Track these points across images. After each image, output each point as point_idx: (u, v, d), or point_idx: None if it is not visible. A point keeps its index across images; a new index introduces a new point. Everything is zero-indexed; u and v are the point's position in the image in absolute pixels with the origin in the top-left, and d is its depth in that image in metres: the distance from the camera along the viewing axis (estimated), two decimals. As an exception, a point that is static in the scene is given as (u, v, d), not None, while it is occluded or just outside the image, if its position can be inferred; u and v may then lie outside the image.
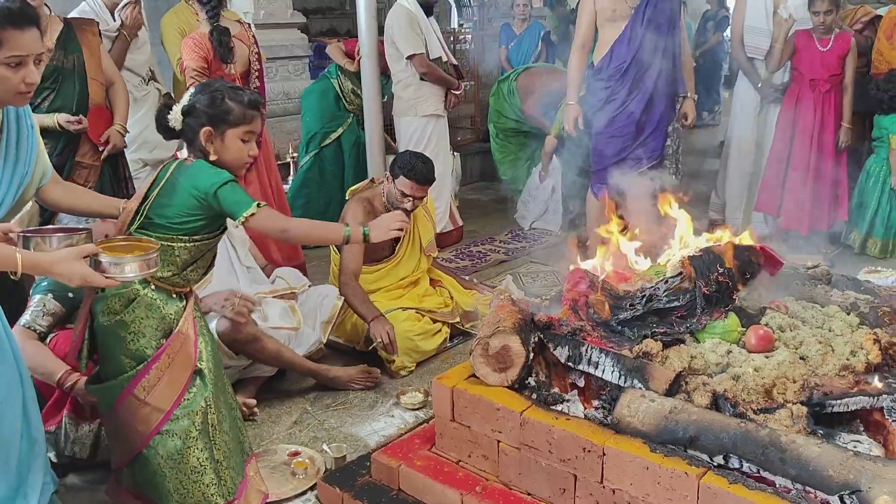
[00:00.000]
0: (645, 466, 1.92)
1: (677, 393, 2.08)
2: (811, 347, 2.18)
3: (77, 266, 1.81)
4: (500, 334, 2.24)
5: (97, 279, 1.85)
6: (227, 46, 3.78)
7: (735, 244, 2.37)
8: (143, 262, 1.92)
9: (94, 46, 3.49)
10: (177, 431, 2.14)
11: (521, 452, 2.17)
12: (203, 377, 2.21)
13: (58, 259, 1.80)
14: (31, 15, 1.93)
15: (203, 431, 2.18)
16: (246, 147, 2.23)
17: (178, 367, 2.16)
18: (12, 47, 1.87)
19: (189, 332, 2.20)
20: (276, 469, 2.73)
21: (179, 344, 2.16)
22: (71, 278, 1.82)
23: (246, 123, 2.20)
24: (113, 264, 1.88)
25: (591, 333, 2.29)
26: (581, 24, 4.19)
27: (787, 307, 2.39)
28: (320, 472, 2.70)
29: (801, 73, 4.70)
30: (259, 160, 4.02)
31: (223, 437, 2.24)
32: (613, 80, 4.00)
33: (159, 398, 2.13)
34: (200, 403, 2.18)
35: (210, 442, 2.19)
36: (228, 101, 2.18)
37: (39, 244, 1.83)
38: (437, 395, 2.36)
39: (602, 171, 4.24)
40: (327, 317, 3.37)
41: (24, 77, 1.91)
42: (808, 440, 1.80)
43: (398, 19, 4.86)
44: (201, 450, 2.17)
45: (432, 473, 2.30)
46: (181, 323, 2.18)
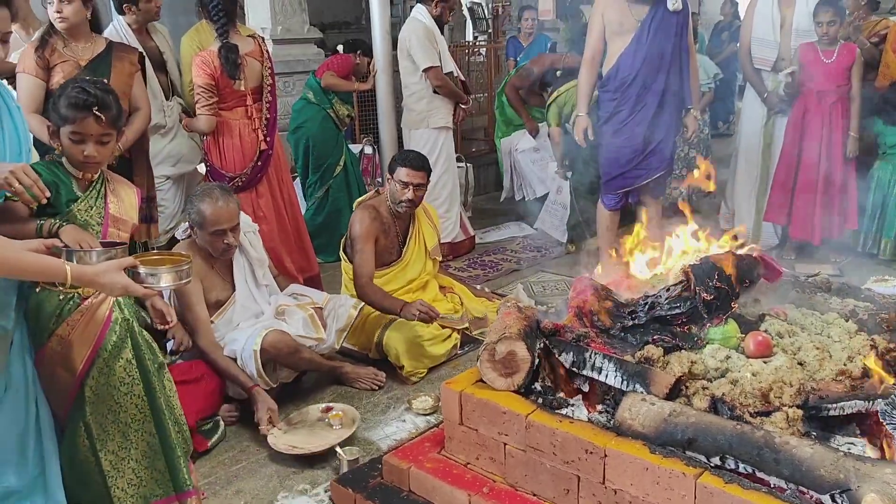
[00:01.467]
0: (644, 467, 1.99)
1: (678, 397, 2.15)
2: (809, 353, 2.24)
3: (119, 277, 1.97)
4: (506, 340, 2.32)
5: (137, 289, 2.01)
6: (235, 63, 3.86)
7: (735, 253, 2.43)
8: (176, 272, 2.09)
9: (125, 73, 3.49)
10: None
11: (527, 454, 2.25)
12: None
13: (101, 271, 1.96)
14: None
15: None
16: (76, 147, 2.34)
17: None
18: None
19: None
20: (313, 426, 3.05)
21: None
22: (113, 289, 1.98)
23: (71, 123, 2.32)
24: (150, 275, 2.04)
25: (594, 340, 2.36)
26: (590, 38, 4.27)
27: (786, 314, 2.46)
28: (355, 421, 2.99)
29: (808, 87, 4.73)
30: (271, 173, 4.11)
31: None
32: (620, 91, 4.08)
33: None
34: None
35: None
36: (62, 98, 2.33)
37: (82, 257, 2.00)
38: (446, 399, 2.44)
39: (611, 182, 4.32)
40: (342, 325, 3.46)
41: None
42: (801, 441, 1.86)
43: (416, 32, 4.94)
44: None
45: (441, 475, 2.38)
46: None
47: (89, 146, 2.33)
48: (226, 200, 3.14)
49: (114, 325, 2.32)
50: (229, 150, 3.99)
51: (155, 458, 2.39)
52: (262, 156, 4.05)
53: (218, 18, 3.87)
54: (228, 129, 3.98)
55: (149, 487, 2.38)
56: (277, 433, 3.00)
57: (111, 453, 2.32)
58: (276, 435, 2.98)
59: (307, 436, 2.99)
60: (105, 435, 2.32)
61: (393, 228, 3.81)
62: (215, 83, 3.85)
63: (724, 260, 2.42)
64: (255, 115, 4.01)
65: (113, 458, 2.33)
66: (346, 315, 3.48)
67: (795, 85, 4.70)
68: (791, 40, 4.75)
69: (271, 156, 4.10)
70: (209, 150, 4.04)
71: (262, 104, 4.04)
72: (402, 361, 3.51)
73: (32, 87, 3.41)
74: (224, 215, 3.12)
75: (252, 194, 4.06)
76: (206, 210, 3.10)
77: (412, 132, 5.15)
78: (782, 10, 4.79)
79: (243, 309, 3.30)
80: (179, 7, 4.70)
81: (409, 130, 5.17)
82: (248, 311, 3.32)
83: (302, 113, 5.36)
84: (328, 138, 5.32)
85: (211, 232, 3.12)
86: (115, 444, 2.33)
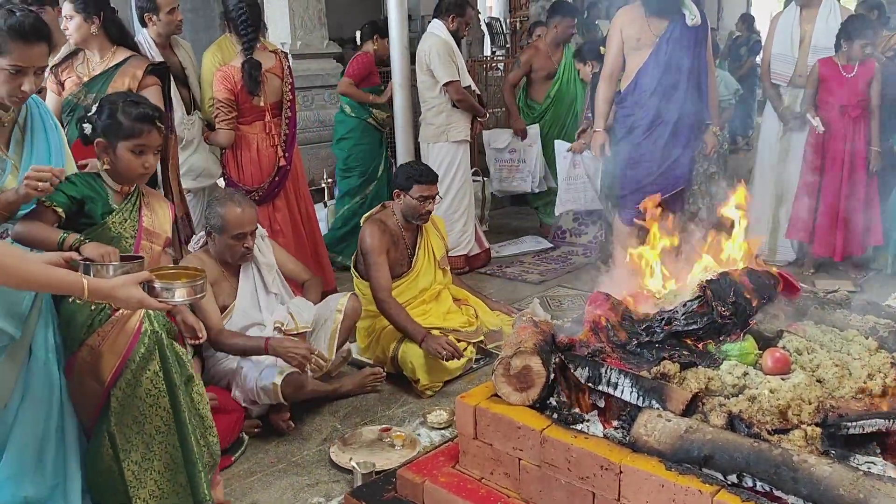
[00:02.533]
0: (661, 484, 1.97)
1: (694, 413, 2.13)
2: (828, 370, 2.22)
3: (135, 291, 1.98)
4: (521, 355, 2.31)
5: (152, 303, 2.03)
6: (256, 80, 3.90)
7: (752, 269, 2.42)
8: (191, 287, 2.10)
9: (123, 87, 3.38)
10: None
11: (542, 470, 2.23)
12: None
13: (117, 285, 1.97)
14: (40, 31, 2.16)
15: None
16: (138, 160, 2.41)
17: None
18: (15, 58, 2.11)
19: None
20: (372, 446, 3.06)
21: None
22: (129, 302, 2.00)
23: (136, 137, 2.39)
24: (165, 289, 2.05)
25: (610, 355, 2.35)
26: (609, 53, 4.29)
27: (805, 331, 2.43)
28: (416, 443, 3.04)
29: (829, 102, 4.71)
30: (288, 188, 4.14)
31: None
32: (638, 106, 4.08)
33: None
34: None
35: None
36: (121, 114, 2.39)
37: (99, 271, 2.02)
38: (461, 413, 2.44)
39: (628, 197, 4.31)
40: (330, 332, 3.40)
41: (20, 84, 2.15)
42: (820, 460, 1.84)
43: (436, 47, 4.97)
44: None
45: (455, 490, 2.37)
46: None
47: (149, 157, 2.44)
48: (246, 205, 3.21)
49: (143, 337, 2.34)
50: (247, 165, 4.03)
51: (177, 470, 2.40)
52: (279, 171, 4.09)
53: (246, 33, 3.91)
54: (247, 144, 4.02)
55: (170, 499, 2.39)
56: (336, 451, 3.00)
57: (134, 464, 2.34)
58: (336, 453, 2.99)
59: (368, 455, 2.96)
60: (129, 445, 2.34)
61: (402, 240, 3.84)
62: (235, 98, 3.89)
63: (741, 276, 2.40)
64: (273, 130, 4.04)
65: (136, 468, 2.34)
66: (333, 320, 3.41)
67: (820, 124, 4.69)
68: (808, 57, 4.73)
69: (289, 171, 4.13)
70: (228, 164, 4.09)
71: (281, 119, 4.07)
72: (417, 375, 3.51)
73: (51, 103, 3.47)
74: (245, 219, 3.18)
75: (269, 208, 4.09)
76: (227, 214, 3.14)
77: (431, 146, 5.17)
78: (802, 26, 4.79)
79: (244, 315, 3.30)
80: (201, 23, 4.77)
81: (428, 144, 5.19)
82: (249, 318, 3.32)
83: (344, 125, 5.49)
84: (373, 145, 5.46)
85: (233, 235, 3.16)
86: (139, 454, 2.34)
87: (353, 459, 2.87)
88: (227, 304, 3.29)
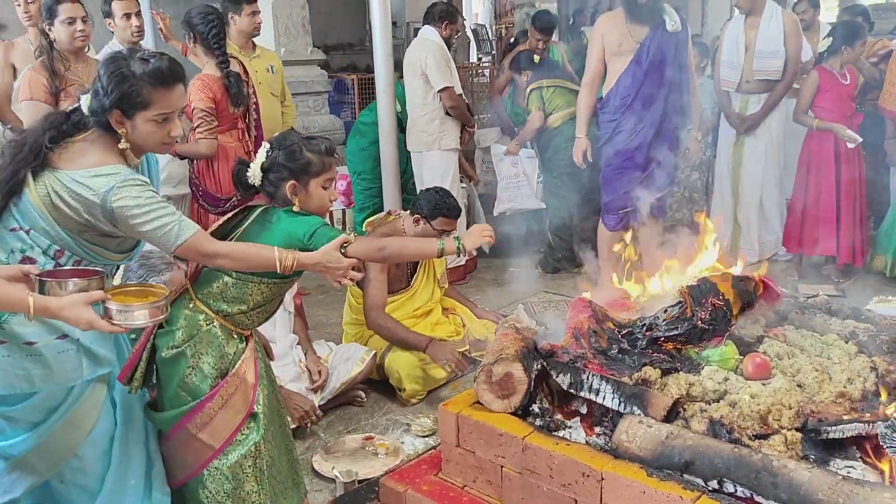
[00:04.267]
0: (642, 491, 1.97)
1: (675, 419, 2.13)
2: (808, 375, 2.23)
3: (84, 312, 1.80)
4: (502, 362, 2.30)
5: (103, 325, 1.83)
6: (242, 92, 3.88)
7: (732, 274, 2.42)
8: (152, 309, 1.89)
9: None
10: (225, 471, 2.16)
11: (524, 477, 2.23)
12: (257, 420, 2.22)
13: (66, 304, 1.79)
14: (177, 72, 2.04)
15: (252, 474, 2.20)
16: (327, 193, 2.30)
17: (232, 408, 2.17)
18: (161, 106, 2.00)
19: (247, 376, 2.21)
20: (355, 454, 3.04)
21: (234, 385, 2.17)
22: (77, 323, 1.82)
23: (326, 171, 2.27)
24: (119, 311, 1.86)
25: (592, 361, 2.35)
26: (591, 59, 4.30)
27: (785, 335, 2.44)
28: (399, 451, 3.02)
29: (829, 110, 4.71)
30: None
31: (272, 480, 2.25)
32: (620, 112, 4.10)
33: (211, 435, 2.15)
34: (250, 447, 2.19)
35: (258, 485, 2.21)
36: (308, 152, 2.24)
37: (53, 288, 1.83)
38: (443, 421, 2.43)
39: (611, 203, 4.32)
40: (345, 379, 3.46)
41: (169, 131, 2.05)
42: (799, 465, 1.84)
43: (432, 52, 4.91)
44: (248, 493, 2.20)
45: (438, 498, 2.36)
46: (238, 365, 2.19)
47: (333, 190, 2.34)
48: None
49: (259, 396, 2.24)
50: (221, 173, 3.93)
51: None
52: None
53: (218, 46, 3.86)
54: (224, 154, 3.91)
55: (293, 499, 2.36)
56: (319, 460, 2.98)
57: None
58: (319, 462, 2.97)
59: (350, 464, 2.93)
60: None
61: None
62: (215, 106, 3.84)
63: (722, 281, 2.41)
64: (244, 135, 4.02)
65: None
66: (351, 371, 3.48)
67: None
68: (753, 63, 4.76)
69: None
70: (201, 174, 3.92)
71: (249, 122, 4.05)
72: (404, 384, 3.50)
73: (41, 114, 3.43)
74: None
75: None
76: None
77: (424, 154, 5.06)
78: (747, 33, 4.80)
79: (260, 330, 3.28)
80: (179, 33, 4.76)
81: (421, 153, 5.08)
82: (263, 333, 3.30)
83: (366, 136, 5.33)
84: (400, 145, 5.29)
85: None
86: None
87: (336, 468, 2.86)
88: None
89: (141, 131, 2.01)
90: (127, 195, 1.94)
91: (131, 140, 2.02)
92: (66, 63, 3.50)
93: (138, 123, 2.00)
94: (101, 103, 1.98)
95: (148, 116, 2.00)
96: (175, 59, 2.08)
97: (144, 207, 1.96)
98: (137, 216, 1.96)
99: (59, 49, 3.50)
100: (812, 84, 4.75)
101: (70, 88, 3.47)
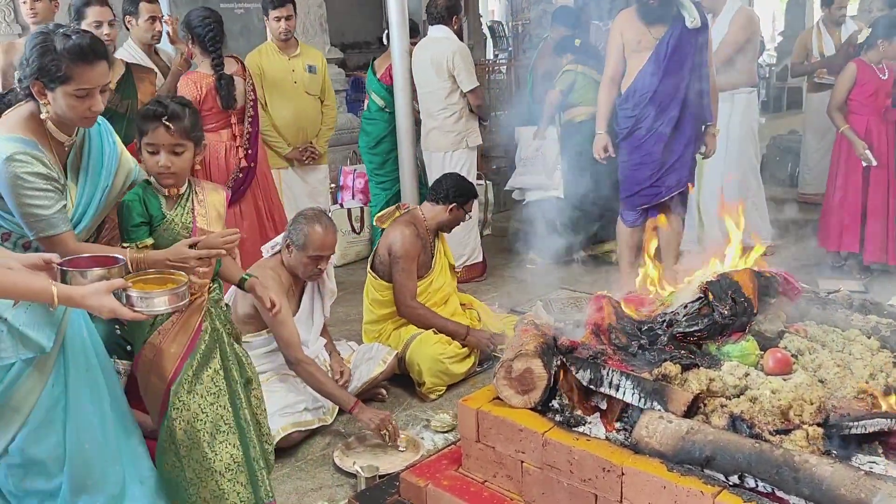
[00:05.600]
0: (662, 485, 1.97)
1: (696, 414, 2.13)
2: (830, 370, 2.22)
3: (107, 300, 1.88)
4: (522, 357, 2.31)
5: (125, 312, 1.93)
6: (232, 95, 3.96)
7: (753, 270, 2.42)
8: (172, 295, 1.99)
9: (147, 94, 3.65)
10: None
11: (544, 472, 2.24)
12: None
13: (89, 293, 1.87)
14: (99, 50, 2.13)
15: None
16: (153, 158, 2.37)
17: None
18: (80, 81, 2.09)
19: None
20: (376, 449, 3.06)
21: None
22: (101, 311, 1.90)
23: (144, 135, 2.36)
24: (141, 298, 1.96)
25: (612, 357, 2.35)
26: (610, 57, 4.29)
27: (806, 331, 2.43)
28: (419, 446, 3.04)
29: (864, 104, 4.68)
30: (257, 193, 4.14)
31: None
32: (639, 108, 4.09)
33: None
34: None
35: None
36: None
37: (75, 277, 1.91)
38: (463, 416, 2.44)
39: (630, 199, 4.31)
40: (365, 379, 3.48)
41: (90, 106, 2.13)
42: (821, 460, 1.83)
43: (461, 52, 4.91)
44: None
45: (458, 493, 2.37)
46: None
47: (163, 156, 2.37)
48: (330, 230, 3.26)
49: (203, 335, 2.38)
50: (214, 171, 3.98)
51: (238, 470, 2.40)
52: (242, 171, 4.06)
53: (214, 48, 3.95)
54: (213, 150, 3.97)
55: (230, 500, 2.38)
56: (340, 455, 3.01)
57: (195, 462, 2.35)
58: (340, 457, 3.00)
59: (372, 459, 2.97)
60: (189, 443, 2.34)
61: (428, 245, 3.87)
62: (198, 103, 3.84)
63: (742, 276, 2.41)
64: (238, 135, 4.05)
65: (197, 466, 2.35)
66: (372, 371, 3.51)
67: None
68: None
69: (253, 170, 4.10)
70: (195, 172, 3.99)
71: (244, 118, 4.08)
72: (423, 378, 3.52)
73: None
74: (327, 242, 3.24)
75: (235, 211, 4.03)
76: (312, 235, 3.19)
77: (450, 154, 5.04)
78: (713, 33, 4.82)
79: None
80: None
81: (444, 153, 5.05)
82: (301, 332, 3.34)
83: (376, 125, 5.36)
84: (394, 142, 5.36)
85: (310, 255, 3.21)
86: (199, 453, 2.35)
87: (357, 463, 2.88)
88: None
89: (62, 104, 2.11)
90: (9, 170, 2.06)
91: (54, 112, 2.12)
92: None
93: (59, 97, 2.10)
94: (23, 72, 2.10)
95: (68, 91, 2.09)
96: (99, 37, 2.18)
97: (21, 189, 2.08)
98: (13, 194, 2.08)
99: None
100: (849, 77, 4.70)
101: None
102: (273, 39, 4.69)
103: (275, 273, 3.24)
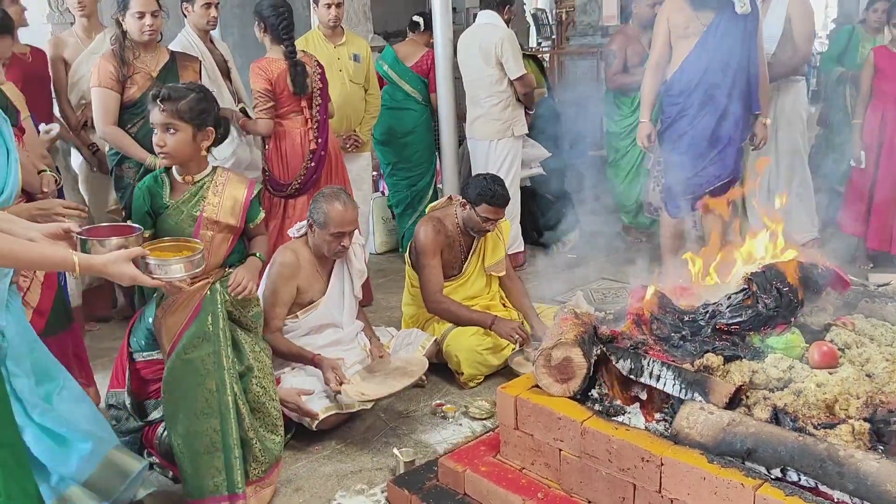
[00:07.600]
0: (702, 477, 1.96)
1: (738, 407, 2.11)
2: (878, 365, 2.17)
3: (127, 268, 1.92)
4: (561, 346, 2.31)
5: (145, 280, 1.99)
6: (304, 82, 4.00)
7: (799, 261, 2.37)
8: (187, 262, 2.07)
9: (188, 77, 3.72)
10: None
11: (582, 461, 2.24)
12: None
13: (109, 261, 1.91)
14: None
15: None
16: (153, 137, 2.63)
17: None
18: None
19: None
20: (388, 374, 3.20)
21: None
22: (121, 278, 1.94)
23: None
24: (159, 265, 2.02)
25: (653, 347, 2.33)
26: (656, 42, 4.23)
27: (853, 324, 2.38)
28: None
29: (887, 92, 4.57)
30: (328, 179, 4.18)
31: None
32: (684, 96, 4.02)
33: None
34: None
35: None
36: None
37: (95, 246, 1.95)
38: (502, 403, 2.45)
39: (675, 189, 4.25)
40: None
41: None
42: (867, 455, 1.80)
43: (509, 39, 4.86)
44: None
45: (496, 479, 2.39)
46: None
47: (157, 135, 2.57)
48: (350, 205, 3.28)
49: (202, 314, 2.50)
50: (292, 159, 4.06)
51: (215, 454, 2.49)
52: (314, 157, 4.10)
53: (288, 37, 3.99)
54: (289, 137, 4.06)
55: (205, 480, 2.49)
56: (348, 387, 3.07)
57: (179, 436, 2.49)
58: (348, 388, 3.07)
59: (379, 385, 3.10)
60: (174, 418, 2.49)
61: (458, 243, 3.78)
62: (272, 88, 3.95)
63: (787, 268, 2.36)
64: (309, 121, 4.10)
65: (181, 440, 2.49)
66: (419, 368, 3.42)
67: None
68: None
69: (324, 157, 4.15)
70: (270, 160, 4.10)
71: (313, 106, 4.12)
72: (462, 368, 3.53)
73: (108, 100, 3.59)
74: (347, 218, 3.24)
75: (308, 199, 4.05)
76: (331, 211, 3.21)
77: (496, 143, 5.00)
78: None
79: (325, 313, 3.36)
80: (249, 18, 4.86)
81: (490, 142, 5.01)
82: (329, 317, 3.38)
83: (408, 118, 5.38)
84: (434, 131, 5.38)
85: (332, 233, 3.22)
86: (183, 428, 2.49)
87: (358, 392, 3.05)
88: (314, 300, 3.34)
89: None
90: None
91: None
92: (135, 52, 3.63)
93: None
94: None
95: None
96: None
97: None
98: None
99: (130, 39, 3.62)
100: (868, 65, 4.63)
101: (136, 76, 3.63)
102: (320, 27, 4.73)
103: (293, 253, 3.27)
